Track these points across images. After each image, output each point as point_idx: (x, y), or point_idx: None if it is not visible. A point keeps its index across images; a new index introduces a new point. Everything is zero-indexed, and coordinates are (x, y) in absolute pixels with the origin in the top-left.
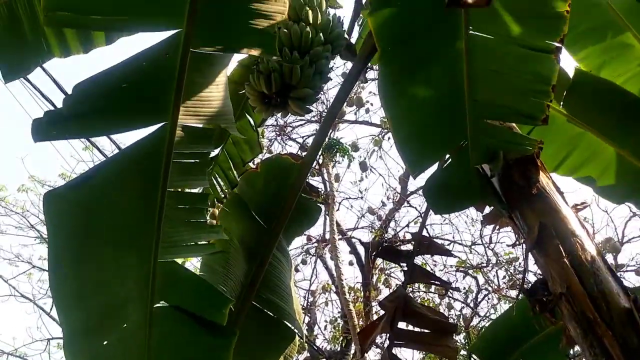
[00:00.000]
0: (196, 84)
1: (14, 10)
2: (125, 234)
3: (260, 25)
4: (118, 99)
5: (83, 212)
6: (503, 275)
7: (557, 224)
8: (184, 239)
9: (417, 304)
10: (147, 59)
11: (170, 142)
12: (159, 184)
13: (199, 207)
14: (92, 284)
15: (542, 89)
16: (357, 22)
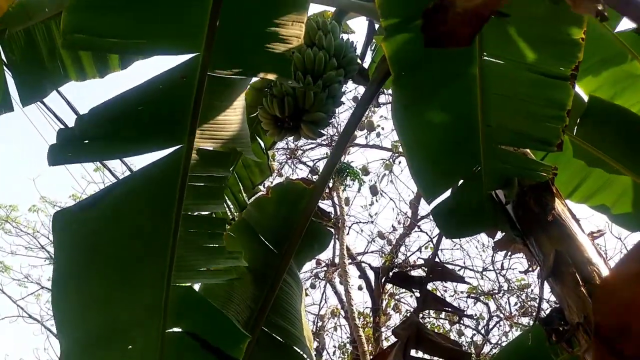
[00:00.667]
0: (213, 108)
1: (32, 35)
2: (135, 256)
3: (277, 50)
4: (134, 121)
5: (92, 232)
6: (515, 302)
7: (573, 252)
8: (200, 264)
9: (430, 331)
10: (164, 83)
11: (185, 165)
12: (173, 207)
13: (216, 232)
14: (96, 302)
15: (557, 115)
16: (369, 47)
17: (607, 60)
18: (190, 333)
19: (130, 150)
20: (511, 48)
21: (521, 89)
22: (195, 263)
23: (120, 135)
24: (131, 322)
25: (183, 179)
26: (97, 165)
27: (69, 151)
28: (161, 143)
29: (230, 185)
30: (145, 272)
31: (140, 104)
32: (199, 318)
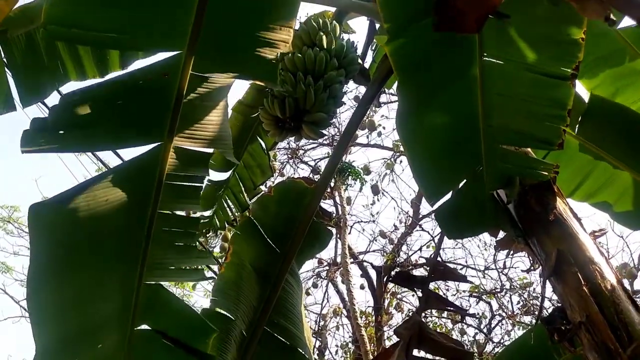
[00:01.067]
0: (194, 107)
1: (33, 37)
2: (110, 253)
3: (264, 53)
4: (111, 115)
5: (68, 226)
6: (517, 301)
7: (575, 251)
8: (171, 262)
9: (433, 331)
10: (144, 78)
11: (163, 163)
12: (149, 205)
13: (189, 231)
14: (71, 300)
15: (558, 114)
16: (370, 47)
17: (609, 56)
18: (157, 330)
19: (107, 143)
20: (511, 48)
21: (522, 89)
22: (166, 262)
23: (96, 127)
24: (103, 320)
25: (160, 177)
26: (100, 166)
27: (41, 139)
28: (139, 139)
29: (232, 186)
30: (118, 270)
31: (118, 98)
32: (167, 315)
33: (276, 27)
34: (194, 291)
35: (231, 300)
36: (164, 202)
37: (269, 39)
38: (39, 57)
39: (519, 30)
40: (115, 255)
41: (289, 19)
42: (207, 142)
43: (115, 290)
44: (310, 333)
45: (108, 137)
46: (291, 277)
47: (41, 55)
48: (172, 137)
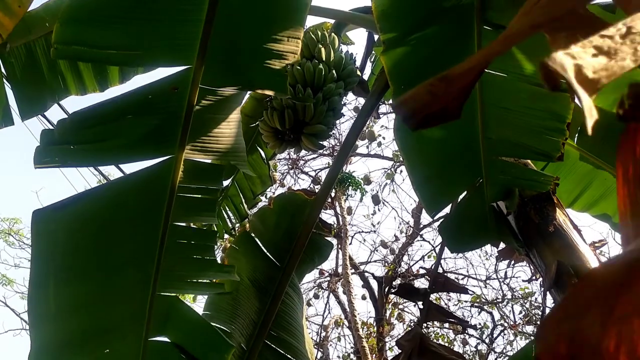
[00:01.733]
0: (205, 120)
1: (32, 49)
2: (117, 260)
3: (272, 65)
4: (121, 130)
5: (72, 233)
6: (519, 311)
7: (575, 262)
8: (190, 275)
9: (434, 342)
10: (154, 93)
11: (175, 176)
12: (160, 217)
13: (207, 244)
14: (74, 304)
15: (557, 127)
16: (369, 59)
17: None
18: (175, 344)
19: (118, 158)
20: (510, 60)
21: (521, 101)
22: (184, 274)
23: (107, 142)
24: (109, 326)
25: (172, 189)
26: (100, 178)
27: (54, 155)
28: (150, 153)
29: (232, 195)
30: (127, 280)
31: (127, 113)
32: (184, 328)
33: (284, 38)
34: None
35: (226, 314)
36: (177, 215)
37: (278, 50)
38: (39, 71)
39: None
40: (122, 263)
41: (297, 30)
42: (220, 155)
43: (124, 298)
44: (312, 346)
45: (119, 151)
46: (291, 290)
47: (41, 69)
48: (183, 149)
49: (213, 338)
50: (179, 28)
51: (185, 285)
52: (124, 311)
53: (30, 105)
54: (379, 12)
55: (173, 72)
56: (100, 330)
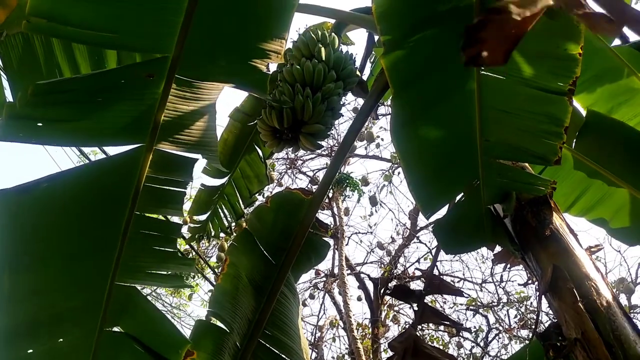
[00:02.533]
0: (180, 112)
1: (30, 40)
2: (78, 248)
3: (254, 63)
4: (93, 111)
5: (34, 217)
6: (514, 315)
7: (571, 267)
8: (149, 266)
9: (427, 345)
10: (127, 77)
11: (143, 165)
12: (126, 206)
13: (169, 237)
14: (30, 291)
15: (555, 131)
16: (369, 60)
17: (605, 74)
18: (129, 334)
19: (87, 140)
20: (509, 63)
21: (519, 104)
22: (144, 265)
23: (77, 123)
24: (65, 314)
25: (139, 178)
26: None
27: (20, 131)
28: (120, 139)
29: (228, 194)
30: (87, 268)
31: (99, 94)
32: (140, 319)
33: (268, 37)
34: (191, 301)
35: (227, 312)
36: (143, 205)
37: (261, 48)
38: (36, 61)
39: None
40: (83, 250)
41: (282, 30)
42: (191, 147)
43: (82, 286)
44: (307, 345)
45: (88, 133)
46: (287, 289)
47: (38, 59)
48: (154, 139)
49: (168, 330)
50: (159, 15)
51: (144, 277)
52: (81, 300)
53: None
54: (379, 13)
55: (150, 58)
56: (55, 319)
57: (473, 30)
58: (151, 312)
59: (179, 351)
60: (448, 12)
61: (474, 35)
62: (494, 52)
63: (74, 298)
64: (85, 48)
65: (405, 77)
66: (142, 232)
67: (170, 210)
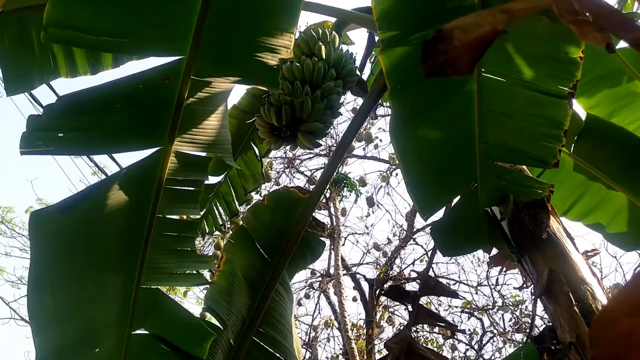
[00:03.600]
0: (195, 112)
1: (25, 23)
2: (111, 258)
3: (265, 59)
4: (111, 118)
5: (70, 234)
6: (509, 318)
7: (567, 271)
8: (170, 267)
9: (422, 346)
10: (144, 82)
11: (163, 168)
12: (148, 209)
13: (187, 235)
14: (71, 306)
15: (554, 134)
16: (369, 59)
17: (607, 77)
18: (155, 335)
19: (106, 147)
20: (509, 65)
21: (519, 106)
22: (165, 266)
23: (96, 130)
24: (101, 324)
25: (160, 181)
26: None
27: (41, 141)
28: (139, 143)
29: (223, 191)
30: (118, 275)
31: (117, 102)
32: (165, 319)
33: (277, 32)
34: (185, 298)
35: (223, 309)
36: (163, 207)
37: (271, 44)
38: (30, 47)
39: (517, 46)
40: (115, 259)
41: (291, 25)
42: (207, 146)
43: (114, 295)
44: (299, 344)
45: (107, 140)
46: (282, 288)
47: (32, 44)
48: (173, 141)
49: (194, 328)
50: (173, 17)
51: (167, 277)
52: (112, 308)
53: (18, 80)
54: (379, 10)
55: (165, 61)
56: (93, 331)
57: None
58: (174, 310)
59: (203, 345)
60: (450, 11)
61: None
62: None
63: (107, 307)
64: None
65: (403, 76)
66: (163, 234)
67: (188, 210)
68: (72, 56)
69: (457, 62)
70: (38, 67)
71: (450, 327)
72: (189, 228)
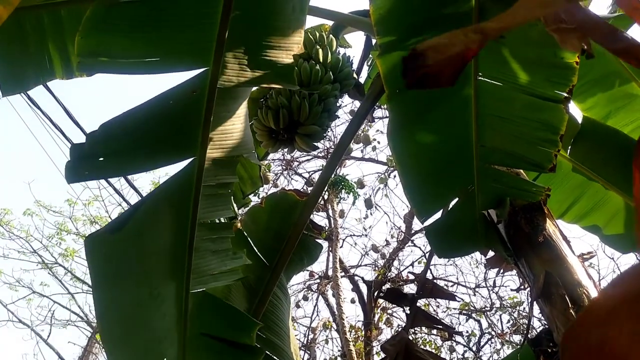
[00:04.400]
0: (221, 118)
1: (22, 25)
2: (161, 271)
3: (280, 58)
4: (147, 136)
5: (121, 253)
6: (507, 320)
7: (563, 274)
8: (211, 268)
9: (419, 348)
10: (174, 98)
11: (199, 176)
12: (188, 217)
13: (224, 236)
14: (133, 324)
15: (550, 138)
16: (366, 62)
17: (603, 79)
18: (206, 334)
19: (145, 164)
20: (506, 69)
21: (515, 110)
22: (207, 268)
23: (134, 151)
24: (162, 335)
25: (197, 189)
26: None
27: (85, 169)
28: (175, 156)
29: None
30: (169, 286)
31: (152, 119)
32: (214, 318)
33: (289, 31)
34: None
35: None
36: (202, 213)
37: (284, 44)
38: (26, 48)
39: (513, 51)
40: (165, 272)
41: (300, 22)
42: (234, 149)
43: (169, 305)
44: (297, 346)
45: (145, 158)
46: (279, 290)
47: (28, 47)
48: (205, 149)
49: (239, 319)
50: (196, 33)
51: (210, 279)
52: (169, 318)
53: (13, 81)
54: (377, 15)
55: (191, 75)
56: (157, 341)
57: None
58: (220, 307)
59: (250, 335)
60: (447, 17)
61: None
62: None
63: (165, 318)
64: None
65: (401, 81)
66: (203, 237)
67: (224, 211)
68: (67, 57)
69: (438, 75)
70: (34, 68)
71: (446, 329)
72: (226, 228)
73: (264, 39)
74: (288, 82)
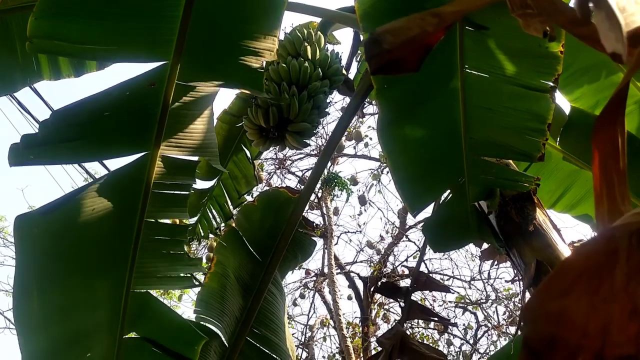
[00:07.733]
0: (180, 116)
1: (7, 24)
2: (97, 262)
3: (249, 62)
4: (100, 126)
5: (55, 237)
6: (503, 312)
7: (554, 262)
8: (159, 270)
9: (415, 341)
10: (131, 89)
11: (150, 172)
12: (136, 214)
13: (177, 239)
14: (58, 310)
15: (538, 128)
16: (355, 58)
17: (590, 68)
18: (146, 338)
19: (94, 155)
20: (492, 60)
21: (502, 101)
22: (154, 270)
23: (85, 139)
24: (91, 328)
25: (147, 186)
26: (86, 176)
27: (30, 153)
28: (127, 149)
29: (216, 195)
30: (106, 279)
31: (106, 110)
32: (156, 323)
33: (260, 35)
34: (181, 302)
35: (215, 311)
36: (152, 211)
37: (254, 47)
38: (13, 50)
39: (498, 42)
40: (102, 263)
41: (274, 28)
42: (193, 150)
43: (103, 299)
44: (292, 343)
45: (96, 148)
46: (274, 287)
47: (15, 48)
48: (159, 146)
49: (184, 330)
50: (157, 24)
51: (156, 281)
52: (102, 313)
53: (1, 83)
54: (361, 12)
55: (150, 67)
56: (82, 335)
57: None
58: (164, 313)
59: (194, 347)
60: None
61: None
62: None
63: (96, 312)
64: None
65: (389, 76)
66: (152, 237)
67: (177, 214)
68: (55, 59)
69: (402, 60)
70: (21, 70)
71: (442, 321)
72: (179, 232)
73: (231, 40)
74: (255, 87)
